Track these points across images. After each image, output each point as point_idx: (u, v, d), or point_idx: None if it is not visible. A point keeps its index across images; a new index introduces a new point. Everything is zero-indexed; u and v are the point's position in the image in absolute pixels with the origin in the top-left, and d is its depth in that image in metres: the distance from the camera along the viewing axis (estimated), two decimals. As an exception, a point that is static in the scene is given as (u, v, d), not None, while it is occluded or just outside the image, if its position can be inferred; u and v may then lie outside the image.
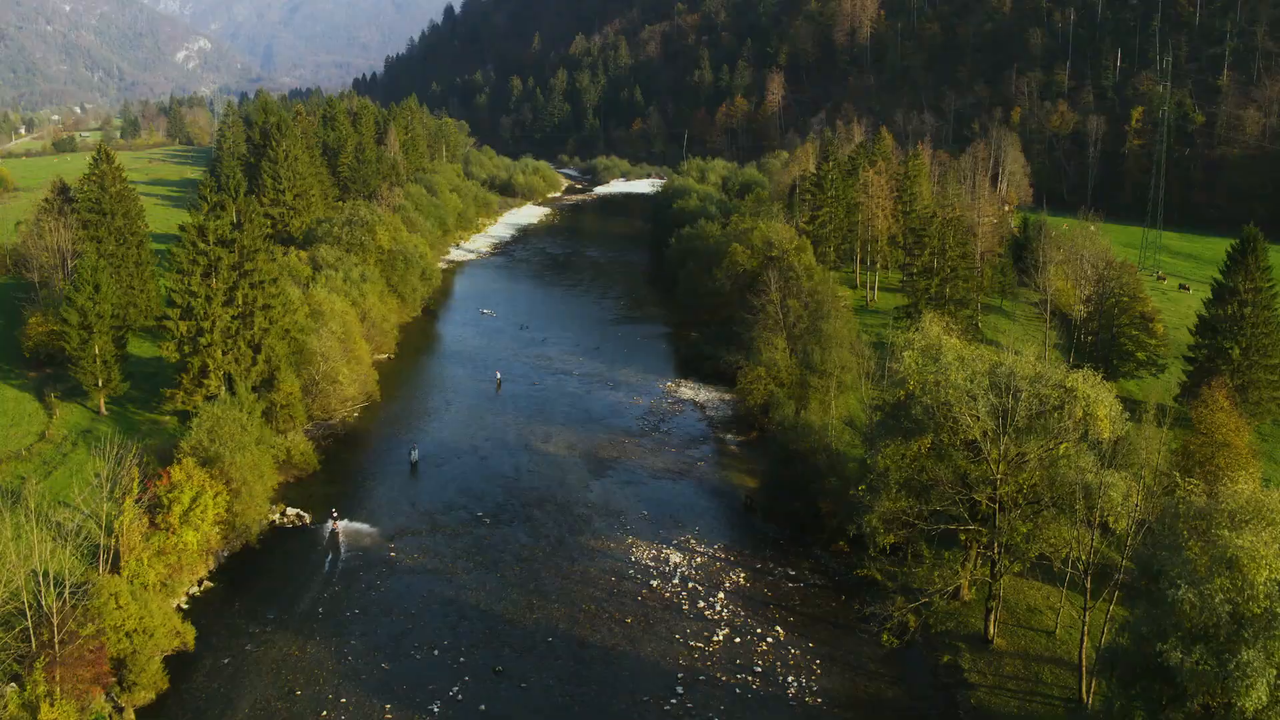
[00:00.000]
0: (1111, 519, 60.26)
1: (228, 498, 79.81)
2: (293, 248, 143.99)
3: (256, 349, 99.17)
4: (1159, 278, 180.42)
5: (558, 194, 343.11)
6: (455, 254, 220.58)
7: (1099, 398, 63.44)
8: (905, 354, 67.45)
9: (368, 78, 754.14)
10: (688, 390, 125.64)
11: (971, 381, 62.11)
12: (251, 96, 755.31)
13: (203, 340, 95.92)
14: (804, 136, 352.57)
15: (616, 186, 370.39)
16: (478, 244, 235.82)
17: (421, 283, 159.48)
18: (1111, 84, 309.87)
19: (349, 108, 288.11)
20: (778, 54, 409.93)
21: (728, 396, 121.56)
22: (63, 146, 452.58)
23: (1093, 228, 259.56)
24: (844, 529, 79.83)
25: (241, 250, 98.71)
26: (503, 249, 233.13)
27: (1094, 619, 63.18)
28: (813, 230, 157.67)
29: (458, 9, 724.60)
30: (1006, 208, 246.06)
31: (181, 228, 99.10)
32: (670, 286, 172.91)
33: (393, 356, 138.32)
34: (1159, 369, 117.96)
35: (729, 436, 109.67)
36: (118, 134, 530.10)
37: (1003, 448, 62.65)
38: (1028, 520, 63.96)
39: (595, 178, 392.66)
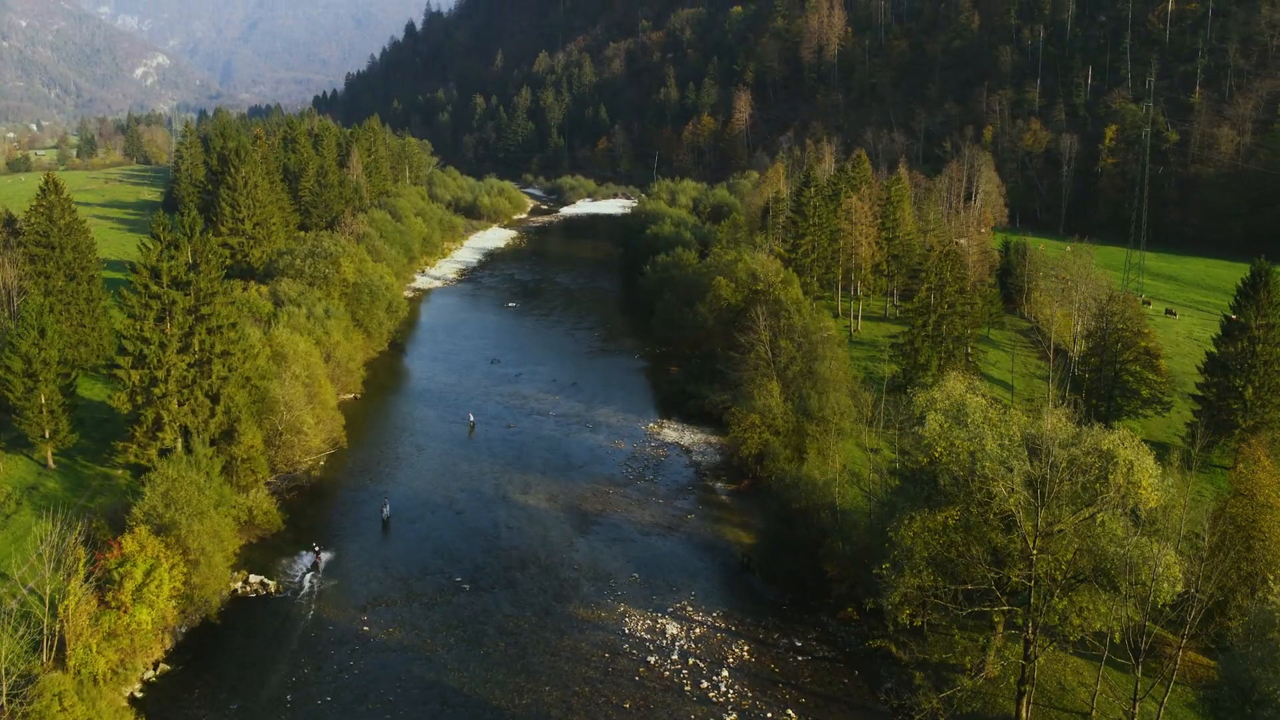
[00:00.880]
0: (1157, 597, 55.12)
1: (185, 569, 73.20)
2: (253, 282, 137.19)
3: (215, 399, 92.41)
4: (1145, 302, 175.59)
5: (523, 215, 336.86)
6: (421, 281, 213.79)
7: (1141, 463, 58.22)
8: (929, 416, 61.83)
9: (328, 95, 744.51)
10: (671, 432, 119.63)
11: (1006, 449, 56.61)
12: (210, 114, 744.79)
13: (156, 390, 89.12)
14: (772, 155, 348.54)
15: (583, 207, 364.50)
16: (444, 270, 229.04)
17: (388, 315, 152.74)
18: (1083, 101, 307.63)
19: (310, 128, 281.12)
20: (744, 72, 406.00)
21: (714, 439, 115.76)
22: (16, 166, 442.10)
23: (1068, 248, 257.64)
24: (853, 595, 74.48)
25: (198, 293, 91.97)
26: (470, 275, 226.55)
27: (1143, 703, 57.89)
28: (795, 259, 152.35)
29: (419, 26, 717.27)
30: (984, 229, 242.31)
31: (133, 268, 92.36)
32: (645, 316, 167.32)
33: (359, 397, 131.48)
34: (1164, 407, 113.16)
35: (719, 485, 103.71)
36: (74, 152, 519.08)
37: (1039, 520, 57.24)
38: (1065, 597, 58.49)
39: (561, 198, 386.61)
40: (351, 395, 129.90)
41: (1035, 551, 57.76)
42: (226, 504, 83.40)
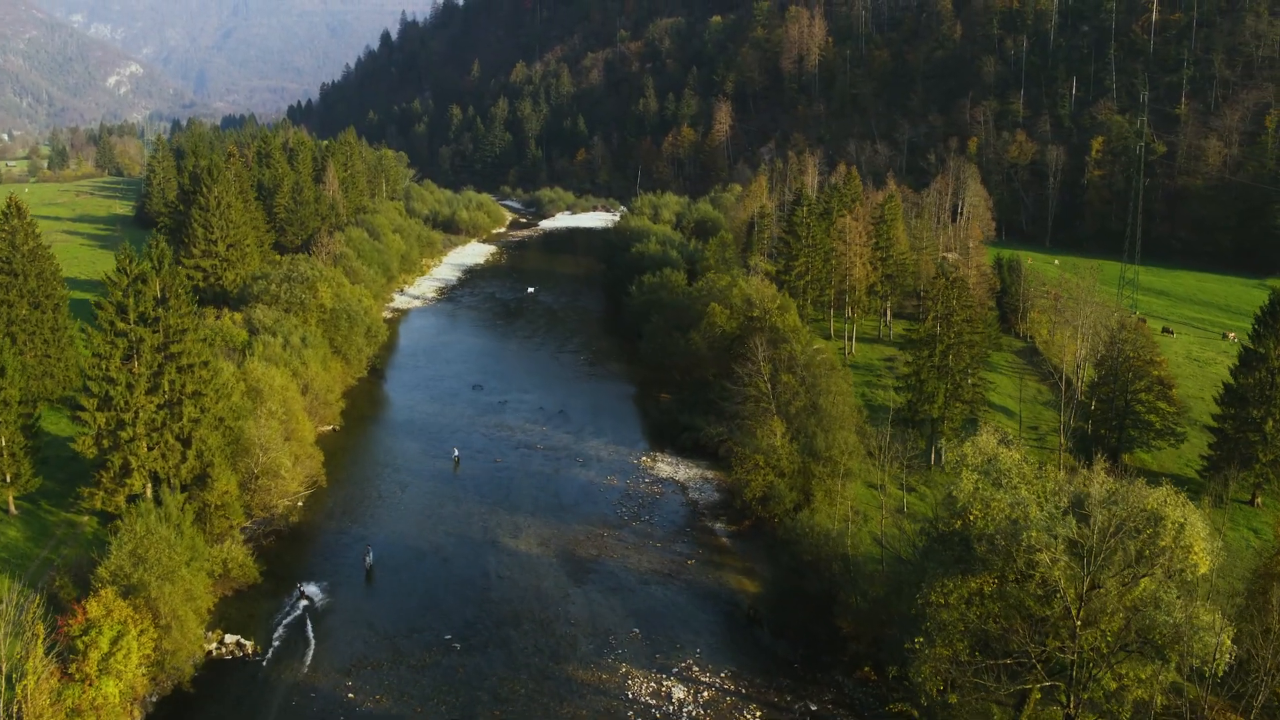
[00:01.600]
0: (1214, 669, 50.89)
1: (155, 634, 67.99)
2: (226, 310, 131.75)
3: (186, 442, 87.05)
4: (1140, 320, 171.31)
5: (502, 229, 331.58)
6: (399, 300, 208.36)
7: (1191, 525, 53.84)
8: (962, 475, 57.22)
9: (303, 105, 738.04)
10: (665, 466, 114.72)
11: (1053, 517, 52.10)
12: (184, 123, 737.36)
13: (124, 434, 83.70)
14: (754, 167, 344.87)
15: (562, 220, 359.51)
16: (423, 288, 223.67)
17: (367, 341, 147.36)
18: (1068, 112, 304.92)
19: (285, 142, 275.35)
20: (724, 82, 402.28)
21: (711, 475, 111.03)
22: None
23: (1056, 261, 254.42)
24: (870, 653, 69.93)
25: (167, 329, 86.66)
26: (449, 294, 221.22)
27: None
28: (789, 280, 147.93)
29: (394, 35, 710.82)
30: (972, 244, 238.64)
31: (97, 304, 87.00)
32: (632, 337, 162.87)
33: (338, 429, 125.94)
34: (1178, 439, 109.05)
35: (719, 526, 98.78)
36: (45, 164, 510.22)
37: (1083, 588, 52.84)
38: (1110, 669, 54.00)
39: (540, 210, 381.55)
40: (330, 427, 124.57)
41: (1079, 623, 53.33)
42: (200, 558, 78.07)
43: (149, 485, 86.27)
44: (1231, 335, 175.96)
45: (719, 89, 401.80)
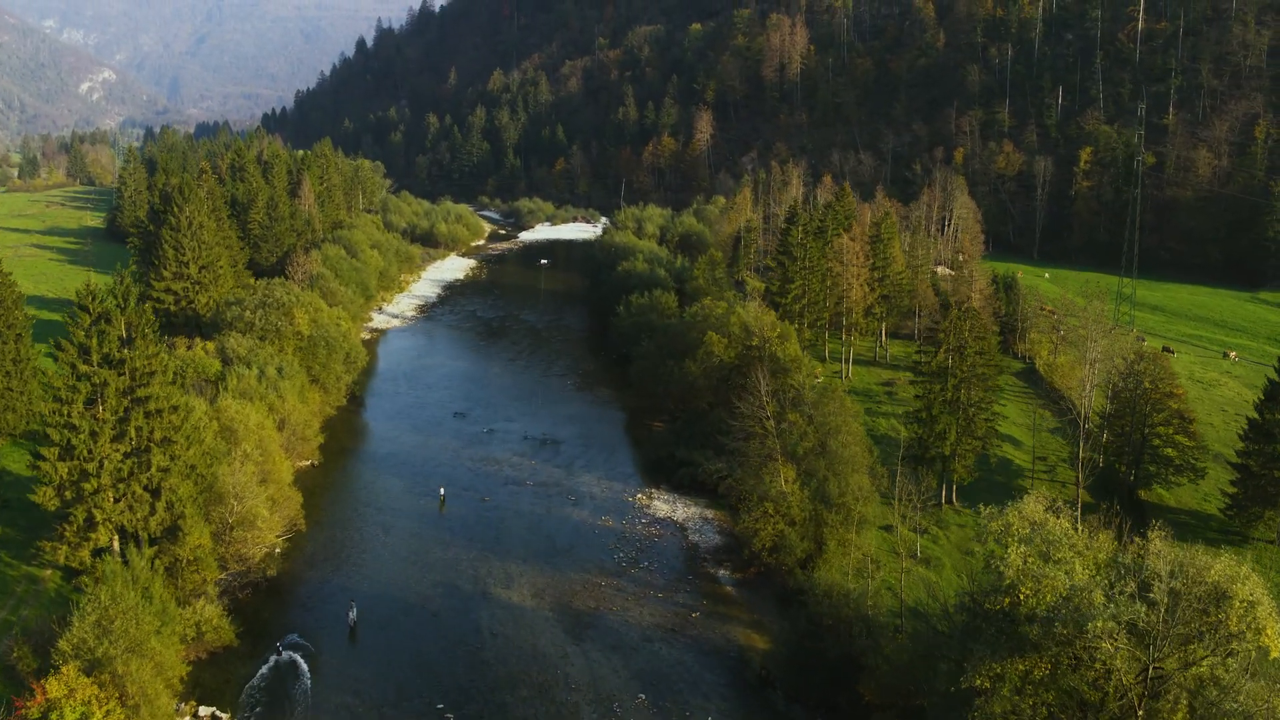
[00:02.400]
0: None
1: (122, 714, 62.33)
2: (198, 339, 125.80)
3: (155, 493, 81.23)
4: (1139, 339, 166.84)
5: (481, 241, 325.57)
6: (378, 319, 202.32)
7: (1262, 604, 49.02)
8: (1009, 549, 52.16)
9: (277, 112, 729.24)
10: (662, 504, 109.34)
11: (1118, 603, 47.11)
12: (157, 131, 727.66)
13: (87, 486, 77.82)
14: (735, 176, 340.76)
15: (542, 232, 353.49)
16: (402, 306, 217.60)
17: (346, 368, 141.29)
18: (1054, 122, 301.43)
19: (259, 153, 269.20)
20: (705, 91, 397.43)
21: (710, 514, 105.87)
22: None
23: (1046, 275, 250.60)
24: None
25: (133, 372, 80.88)
26: (429, 312, 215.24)
27: None
28: (785, 304, 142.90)
29: (370, 42, 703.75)
30: (962, 257, 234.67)
31: (58, 345, 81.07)
32: (620, 361, 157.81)
33: (317, 464, 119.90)
34: (1197, 475, 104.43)
35: (723, 573, 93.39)
36: (15, 173, 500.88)
37: (1146, 674, 47.98)
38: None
39: (519, 221, 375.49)
40: (309, 462, 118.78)
41: (1141, 713, 48.42)
42: (171, 623, 72.32)
43: (116, 538, 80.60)
44: (1232, 354, 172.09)
45: (699, 97, 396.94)
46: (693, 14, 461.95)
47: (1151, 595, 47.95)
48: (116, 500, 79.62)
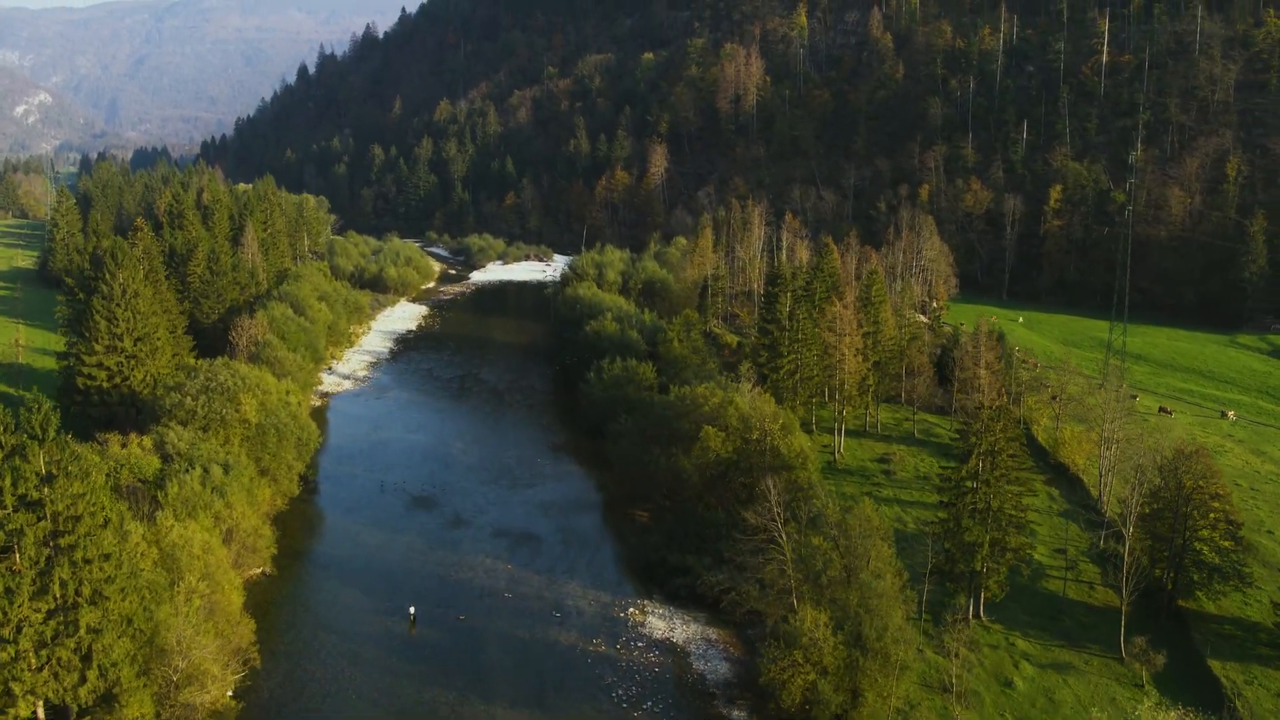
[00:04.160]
0: None
1: None
2: (133, 435, 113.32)
3: (86, 657, 69.48)
4: (1132, 396, 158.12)
5: (431, 284, 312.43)
6: (328, 380, 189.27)
7: None
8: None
9: (217, 141, 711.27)
10: (658, 621, 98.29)
11: None
12: (94, 157, 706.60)
13: (3, 655, 66.11)
14: (693, 212, 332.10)
15: (494, 272, 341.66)
16: (352, 364, 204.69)
17: (298, 455, 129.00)
18: (1020, 158, 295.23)
19: (198, 195, 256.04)
20: (658, 123, 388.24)
21: (714, 634, 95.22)
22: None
23: (1020, 318, 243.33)
24: None
25: (56, 516, 69.15)
26: (382, 369, 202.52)
27: None
28: (778, 379, 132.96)
29: (311, 68, 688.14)
30: (935, 303, 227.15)
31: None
32: (593, 433, 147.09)
33: (269, 573, 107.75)
34: (1244, 582, 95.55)
35: (736, 715, 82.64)
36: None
37: None
38: None
39: (469, 259, 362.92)
40: (260, 570, 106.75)
41: None
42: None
43: (40, 709, 68.79)
44: (1230, 414, 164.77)
45: (653, 129, 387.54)
46: (644, 43, 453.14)
47: None
48: (39, 668, 67.74)
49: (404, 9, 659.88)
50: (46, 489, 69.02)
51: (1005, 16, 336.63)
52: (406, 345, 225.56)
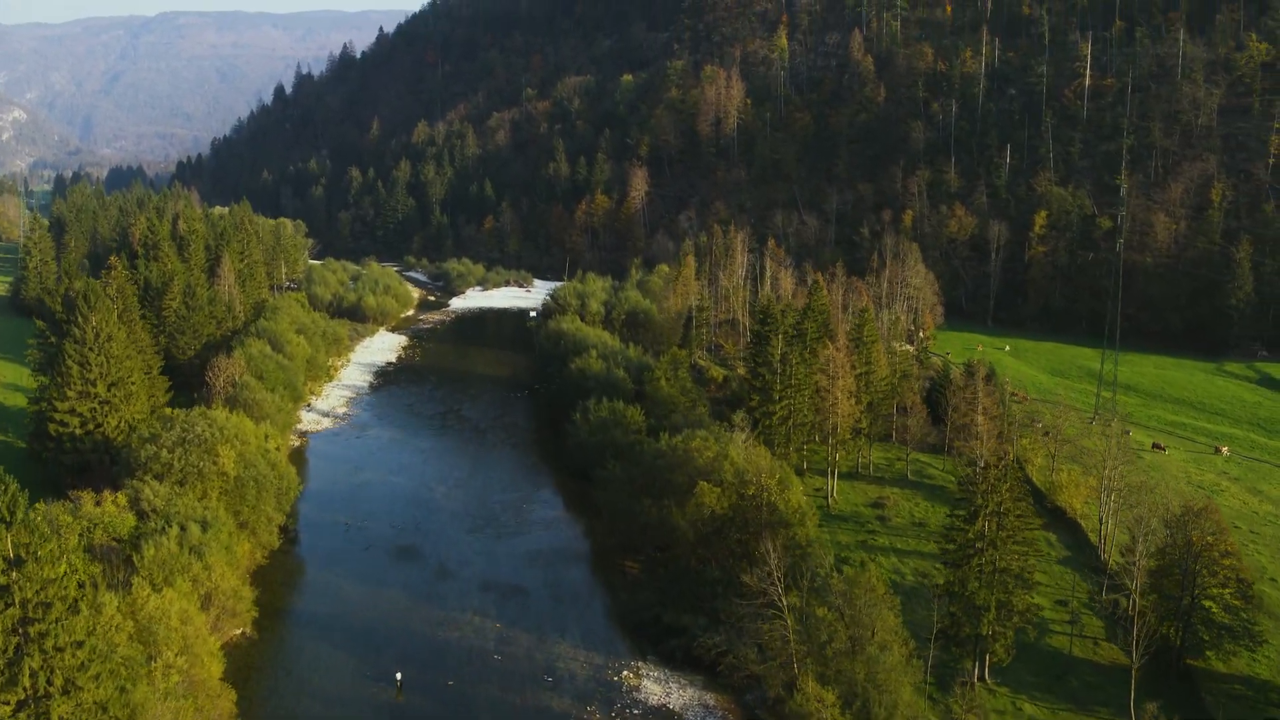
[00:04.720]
0: None
1: None
2: (107, 492, 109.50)
3: (57, 753, 66.06)
4: (1125, 432, 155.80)
5: (411, 311, 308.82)
6: (306, 419, 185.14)
7: None
8: None
9: (192, 160, 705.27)
10: (653, 685, 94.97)
11: None
12: (68, 177, 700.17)
13: (-33, 754, 62.80)
14: (674, 237, 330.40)
15: (474, 298, 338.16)
16: (331, 400, 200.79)
17: (278, 507, 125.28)
18: (1003, 182, 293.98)
19: (174, 224, 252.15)
20: (638, 145, 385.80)
21: (711, 700, 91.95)
22: None
23: (1007, 346, 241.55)
24: None
25: (25, 604, 65.72)
26: (362, 403, 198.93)
27: None
28: (769, 425, 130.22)
29: (288, 88, 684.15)
30: (922, 333, 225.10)
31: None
32: (580, 477, 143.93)
33: (249, 633, 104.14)
34: (1255, 641, 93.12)
35: (740, 794, 79.85)
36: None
37: None
38: None
39: (448, 285, 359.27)
40: (240, 631, 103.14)
41: None
42: None
43: (6, 806, 65.29)
44: (1224, 449, 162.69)
45: (633, 152, 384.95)
46: (624, 64, 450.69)
47: None
48: (5, 766, 64.41)
49: (381, 28, 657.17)
50: (15, 573, 65.58)
51: (986, 39, 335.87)
52: (386, 379, 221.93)
